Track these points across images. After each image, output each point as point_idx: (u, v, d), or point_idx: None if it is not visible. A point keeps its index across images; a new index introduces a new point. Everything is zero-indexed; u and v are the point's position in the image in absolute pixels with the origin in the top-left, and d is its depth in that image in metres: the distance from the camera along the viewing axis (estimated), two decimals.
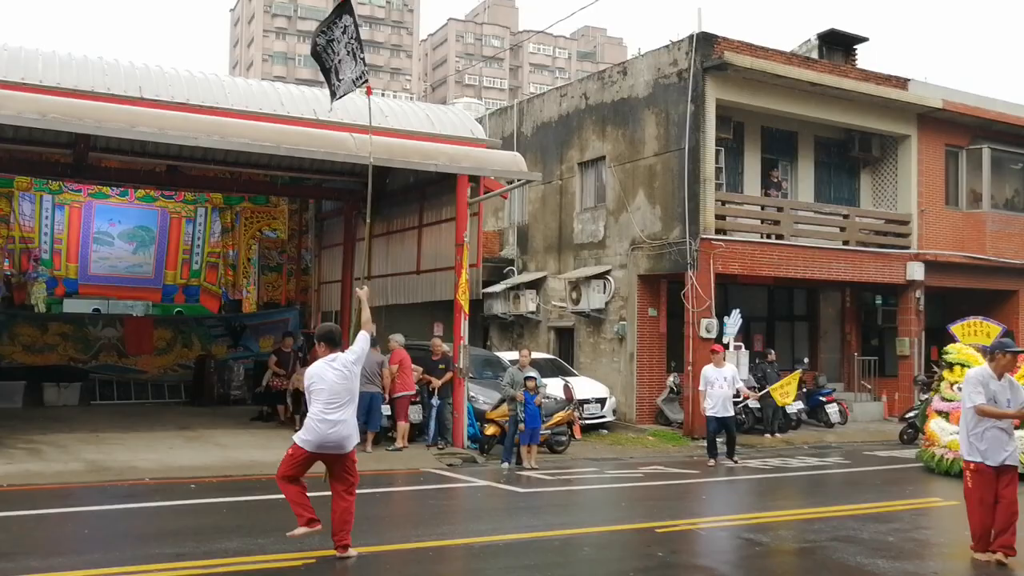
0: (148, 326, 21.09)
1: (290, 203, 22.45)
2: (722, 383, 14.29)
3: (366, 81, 8.75)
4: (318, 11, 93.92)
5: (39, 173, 18.17)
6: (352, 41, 8.67)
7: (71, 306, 21.37)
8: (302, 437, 7.34)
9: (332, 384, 7.35)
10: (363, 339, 7.68)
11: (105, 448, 12.98)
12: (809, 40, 23.00)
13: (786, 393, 17.24)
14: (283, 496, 7.49)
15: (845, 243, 20.65)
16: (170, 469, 11.66)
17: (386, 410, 14.21)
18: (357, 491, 7.54)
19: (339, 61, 8.81)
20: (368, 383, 13.73)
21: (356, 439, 7.54)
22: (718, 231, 18.43)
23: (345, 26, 8.65)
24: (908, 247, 21.37)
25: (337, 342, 7.69)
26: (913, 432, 17.33)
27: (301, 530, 7.31)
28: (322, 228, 21.88)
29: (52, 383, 18.64)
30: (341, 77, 8.89)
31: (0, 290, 20.29)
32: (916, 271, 21.06)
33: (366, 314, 8.07)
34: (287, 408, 16.33)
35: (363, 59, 8.72)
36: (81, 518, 8.96)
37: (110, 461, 11.98)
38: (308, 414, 7.38)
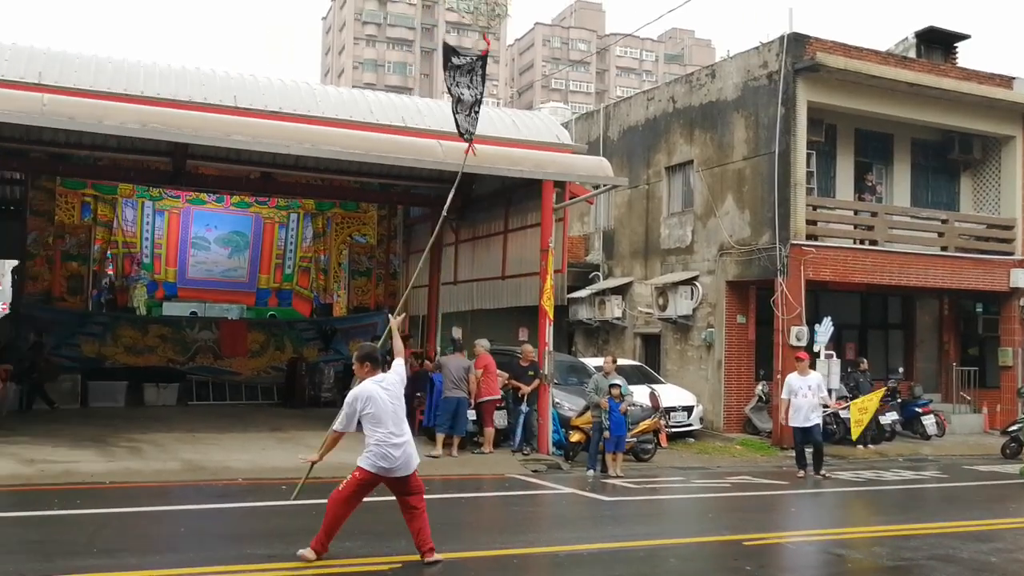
0: (243, 329, 21.69)
1: (379, 209, 22.82)
2: (806, 392, 13.91)
3: (469, 138, 9.28)
4: (407, 18, 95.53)
5: (140, 180, 18.95)
6: (478, 90, 9.22)
7: (170, 309, 22.14)
8: (374, 463, 7.26)
9: (389, 406, 7.30)
10: (400, 364, 7.68)
11: (201, 448, 13.39)
12: (906, 39, 22.27)
13: (864, 410, 16.61)
14: (368, 500, 7.58)
15: (943, 249, 19.90)
16: (262, 470, 11.95)
17: (471, 415, 14.28)
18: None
19: (465, 101, 9.25)
20: (454, 388, 13.87)
21: (417, 455, 7.52)
22: (809, 237, 18.00)
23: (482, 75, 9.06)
24: (1012, 253, 20.48)
25: (380, 362, 7.64)
26: (1016, 446, 16.60)
27: (311, 554, 7.14)
28: (410, 233, 22.18)
29: (152, 384, 19.36)
30: (458, 114, 9.32)
31: (104, 293, 21.15)
32: (1020, 278, 20.15)
33: (398, 344, 8.01)
34: None
35: (476, 114, 9.17)
36: (177, 516, 9.27)
37: (205, 461, 12.36)
38: (374, 440, 7.26)
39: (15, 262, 22.65)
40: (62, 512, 9.07)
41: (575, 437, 14.29)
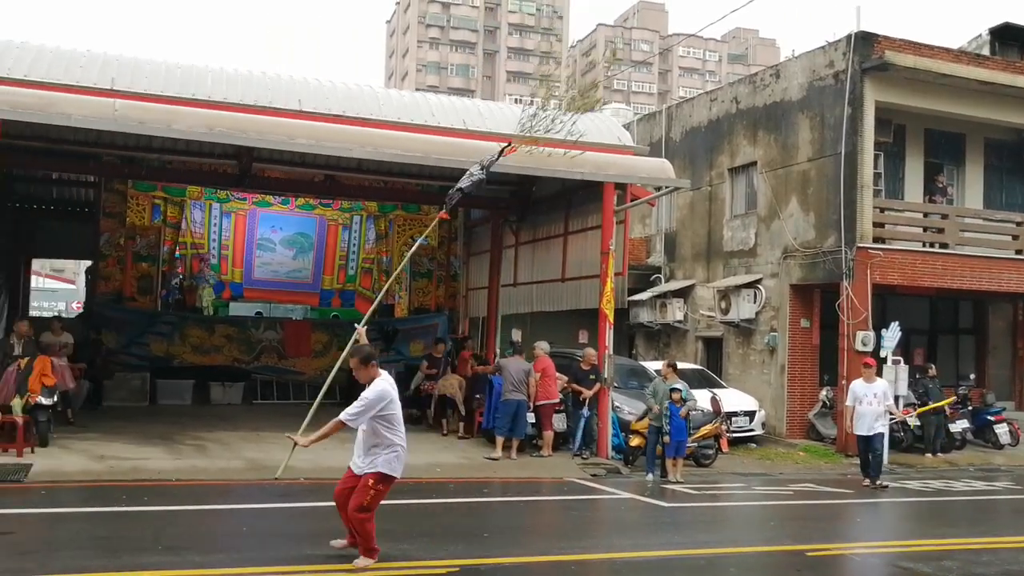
0: (306, 329, 21.99)
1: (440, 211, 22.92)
2: (871, 399, 13.56)
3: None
4: (470, 20, 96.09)
5: (208, 183, 19.36)
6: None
7: (236, 309, 22.55)
8: (397, 468, 7.27)
9: (400, 408, 7.41)
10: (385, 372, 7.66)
11: (264, 447, 13.59)
12: (980, 36, 21.65)
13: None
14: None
15: (1019, 252, 19.27)
16: (323, 470, 12.03)
17: (531, 418, 14.27)
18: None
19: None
20: (514, 390, 13.88)
21: None
22: (876, 239, 17.58)
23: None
24: None
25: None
26: None
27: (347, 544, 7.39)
28: (470, 236, 22.26)
29: (218, 382, 19.74)
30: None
31: (173, 293, 21.65)
32: None
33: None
34: (434, 413, 16.60)
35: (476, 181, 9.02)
36: (240, 515, 9.44)
37: (268, 460, 12.50)
38: (394, 442, 7.27)
39: (89, 262, 23.34)
40: (129, 508, 9.30)
41: (635, 441, 14.19)
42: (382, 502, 7.31)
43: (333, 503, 7.39)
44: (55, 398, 12.70)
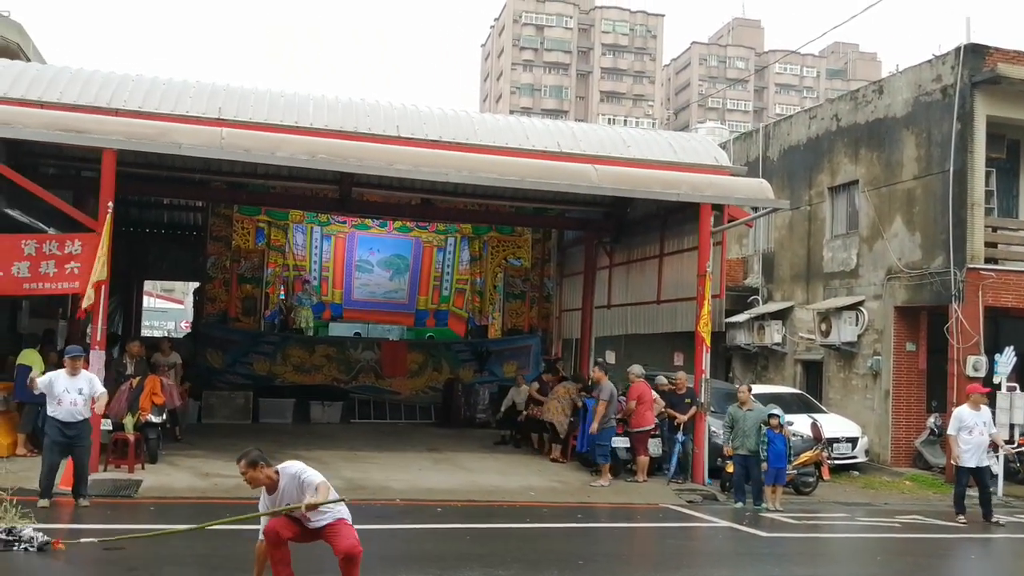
0: (403, 350, 22.32)
1: (534, 232, 23.04)
2: (981, 428, 12.84)
3: None
4: (563, 42, 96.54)
5: (310, 207, 19.94)
6: None
7: (335, 329, 23.06)
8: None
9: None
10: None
11: (361, 466, 13.81)
12: None
13: None
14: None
15: None
16: (419, 491, 12.20)
17: (624, 442, 14.11)
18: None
19: None
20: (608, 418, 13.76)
21: None
22: (988, 260, 16.85)
23: None
24: None
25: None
26: None
27: None
28: (564, 257, 22.26)
29: (317, 401, 20.18)
30: None
31: (276, 315, 22.31)
32: None
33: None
34: (540, 438, 16.48)
35: None
36: None
37: (366, 480, 12.74)
38: None
39: (197, 284, 24.27)
40: (230, 527, 9.54)
41: (731, 467, 13.86)
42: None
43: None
44: (164, 416, 13.25)
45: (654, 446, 14.42)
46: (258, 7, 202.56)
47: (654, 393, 14.60)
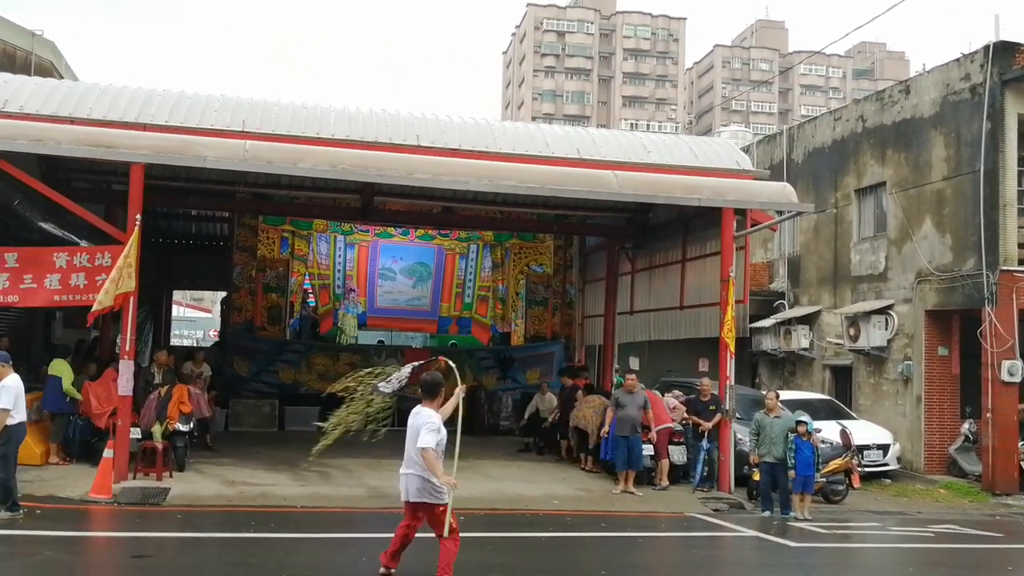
0: (425, 357, 22.24)
1: (555, 239, 22.97)
2: None
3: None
4: (584, 48, 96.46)
5: (333, 216, 20.02)
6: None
7: (359, 337, 23.12)
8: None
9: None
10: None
11: (385, 474, 13.72)
12: None
13: None
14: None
15: None
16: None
17: (648, 449, 13.98)
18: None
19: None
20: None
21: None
22: (1021, 261, 16.56)
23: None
24: None
25: (433, 395, 7.72)
26: None
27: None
28: (586, 263, 22.18)
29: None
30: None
31: (305, 322, 22.40)
32: None
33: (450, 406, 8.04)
34: (569, 445, 16.39)
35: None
36: (360, 545, 9.54)
37: (389, 488, 12.63)
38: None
39: (224, 293, 24.40)
40: (257, 535, 9.57)
41: (758, 476, 13.68)
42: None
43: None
44: (192, 425, 13.36)
45: (678, 454, 14.28)
46: (264, 12, 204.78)
47: (673, 400, 14.52)
